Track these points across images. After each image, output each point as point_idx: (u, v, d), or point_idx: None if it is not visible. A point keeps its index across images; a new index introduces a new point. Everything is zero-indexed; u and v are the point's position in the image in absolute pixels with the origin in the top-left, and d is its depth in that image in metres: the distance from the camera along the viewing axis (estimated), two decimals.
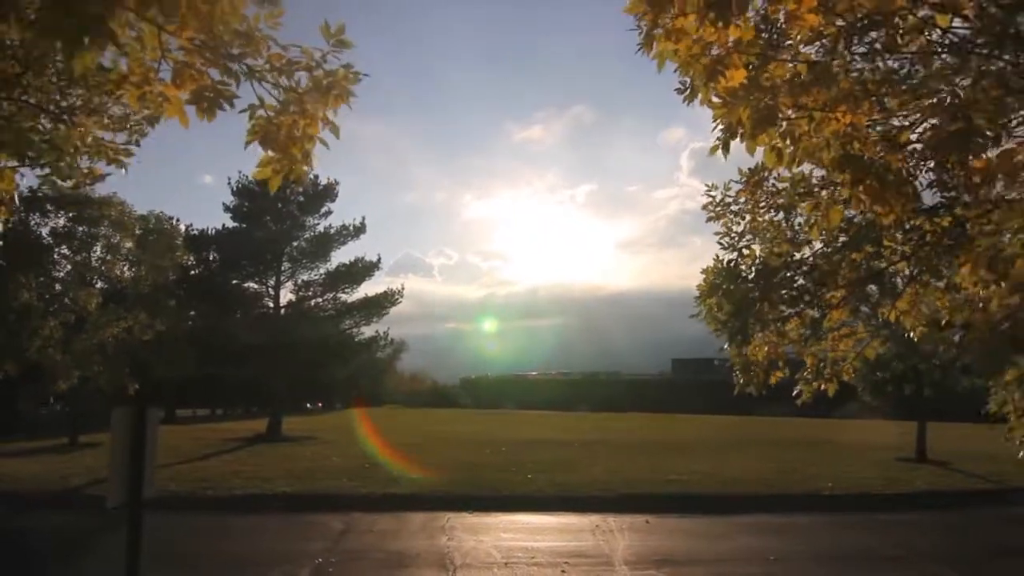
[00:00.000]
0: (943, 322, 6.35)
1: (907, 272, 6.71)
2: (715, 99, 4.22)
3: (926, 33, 4.05)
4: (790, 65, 4.21)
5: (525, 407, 58.60)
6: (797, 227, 6.87)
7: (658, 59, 4.19)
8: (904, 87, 4.11)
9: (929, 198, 6.06)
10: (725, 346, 7.22)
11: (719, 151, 4.36)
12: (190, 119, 3.65)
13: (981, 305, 5.20)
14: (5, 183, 4.82)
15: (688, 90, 4.57)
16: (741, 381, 7.55)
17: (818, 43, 4.16)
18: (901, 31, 3.95)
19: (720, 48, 4.05)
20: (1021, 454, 6.81)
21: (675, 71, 4.61)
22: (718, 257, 6.95)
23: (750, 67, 4.09)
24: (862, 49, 4.15)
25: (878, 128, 4.50)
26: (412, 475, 13.95)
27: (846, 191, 4.59)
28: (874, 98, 4.11)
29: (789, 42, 4.29)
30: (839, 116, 4.09)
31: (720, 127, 4.28)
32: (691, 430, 29.85)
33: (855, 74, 4.07)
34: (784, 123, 4.22)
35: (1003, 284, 4.58)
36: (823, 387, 7.58)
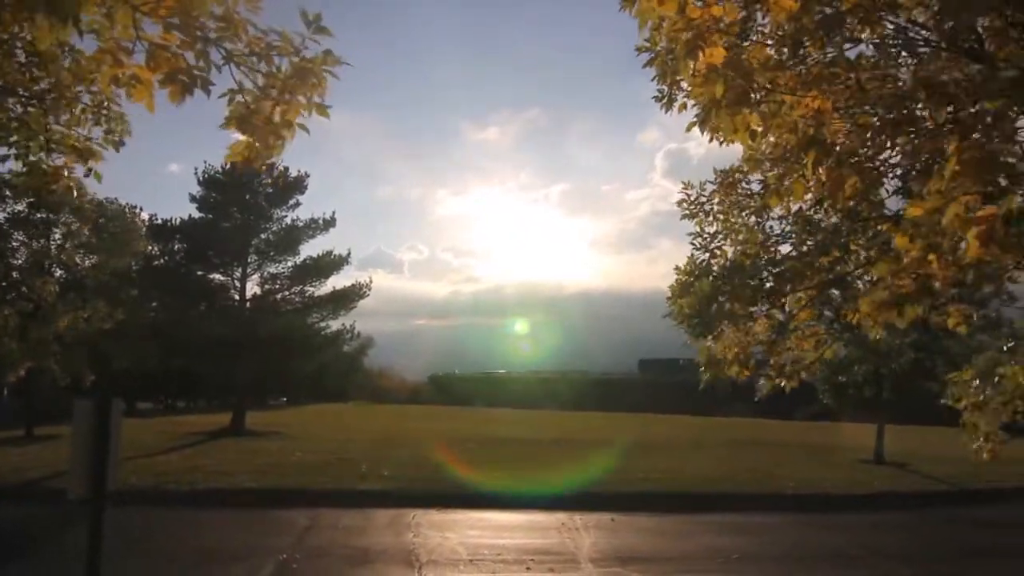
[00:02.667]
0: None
1: (869, 278, 6.87)
2: (694, 76, 4.26)
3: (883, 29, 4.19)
4: (768, 50, 4.30)
5: (493, 405, 58.56)
6: (769, 230, 6.99)
7: (639, 18, 4.20)
8: (870, 73, 4.22)
9: (894, 204, 6.21)
10: (687, 341, 7.28)
11: (698, 133, 4.46)
12: (158, 105, 3.56)
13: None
14: None
15: (665, 97, 4.62)
16: (707, 375, 7.61)
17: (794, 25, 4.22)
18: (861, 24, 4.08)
19: (702, 25, 4.10)
20: (975, 446, 7.04)
21: (647, 65, 4.66)
22: (691, 256, 7.05)
23: (729, 47, 4.16)
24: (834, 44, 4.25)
25: (842, 112, 4.61)
26: (379, 471, 13.86)
27: (810, 173, 4.69)
28: (840, 82, 4.21)
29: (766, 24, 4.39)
30: (809, 101, 4.18)
31: (698, 105, 4.32)
32: (657, 429, 30.11)
33: (831, 52, 4.17)
34: (758, 102, 4.28)
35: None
36: (783, 384, 7.72)
